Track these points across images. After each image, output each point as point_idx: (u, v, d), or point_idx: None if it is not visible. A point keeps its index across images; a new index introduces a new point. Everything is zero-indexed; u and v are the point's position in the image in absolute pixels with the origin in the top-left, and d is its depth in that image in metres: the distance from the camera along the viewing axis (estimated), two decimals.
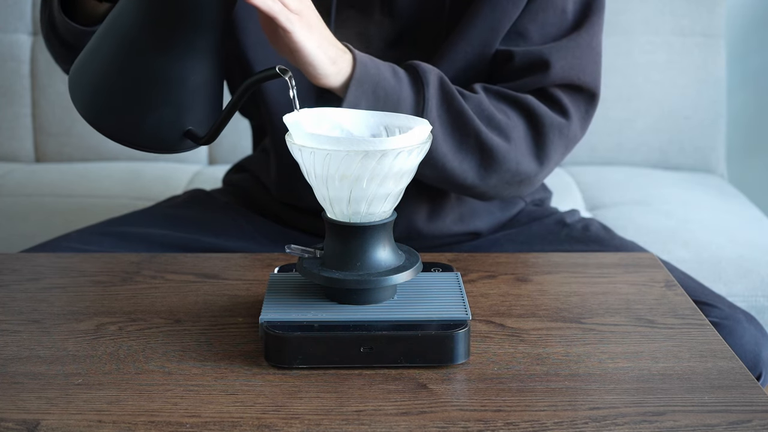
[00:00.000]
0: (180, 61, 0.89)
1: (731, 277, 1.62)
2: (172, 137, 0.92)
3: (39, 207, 1.84)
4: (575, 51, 1.15)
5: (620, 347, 0.88)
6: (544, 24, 1.15)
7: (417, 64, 1.08)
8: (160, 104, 0.90)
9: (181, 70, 0.89)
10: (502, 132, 1.12)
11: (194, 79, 0.90)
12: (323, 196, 0.86)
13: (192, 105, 0.91)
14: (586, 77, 1.16)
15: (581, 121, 1.17)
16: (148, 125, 0.91)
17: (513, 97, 1.14)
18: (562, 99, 1.15)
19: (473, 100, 1.11)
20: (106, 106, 0.91)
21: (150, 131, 0.91)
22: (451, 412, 0.76)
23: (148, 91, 0.90)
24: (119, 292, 1.00)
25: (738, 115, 2.34)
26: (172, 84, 0.90)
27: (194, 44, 0.89)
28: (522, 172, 1.15)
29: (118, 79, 0.90)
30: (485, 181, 1.14)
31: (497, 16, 1.14)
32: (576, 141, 1.18)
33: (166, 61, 0.89)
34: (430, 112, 1.07)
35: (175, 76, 0.89)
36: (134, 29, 0.89)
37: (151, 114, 0.90)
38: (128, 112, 0.91)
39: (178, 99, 0.90)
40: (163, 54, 0.89)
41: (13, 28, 2.17)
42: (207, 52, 0.91)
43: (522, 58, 1.15)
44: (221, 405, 0.77)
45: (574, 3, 1.17)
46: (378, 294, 0.88)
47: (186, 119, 0.91)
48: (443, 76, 1.09)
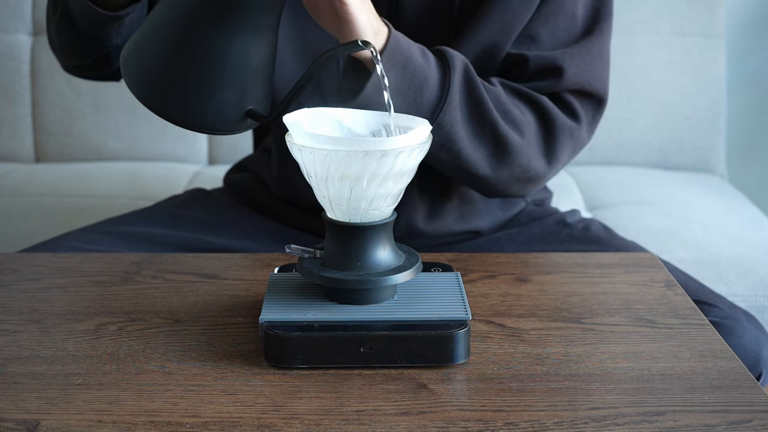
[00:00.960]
0: (243, 41, 0.89)
1: (731, 277, 1.62)
2: (235, 117, 0.92)
3: (39, 207, 1.84)
4: (586, 57, 1.16)
5: (620, 347, 0.88)
6: (555, 28, 1.16)
7: (445, 49, 1.09)
8: (224, 84, 0.89)
9: (245, 50, 0.89)
10: (516, 126, 1.13)
11: (256, 57, 0.90)
12: (323, 196, 0.86)
13: (254, 84, 0.91)
14: (596, 83, 1.17)
15: (589, 126, 1.19)
16: (212, 106, 0.90)
17: (528, 95, 1.15)
18: (573, 103, 1.17)
19: (492, 92, 1.12)
20: (167, 89, 0.90)
21: (213, 113, 0.91)
22: (451, 412, 0.76)
23: (212, 72, 0.89)
24: (119, 292, 1.00)
25: (738, 115, 2.34)
26: (235, 64, 0.89)
27: (257, 23, 0.89)
28: (532, 169, 1.15)
29: (180, 61, 0.89)
30: (497, 173, 1.14)
31: (508, 18, 1.14)
32: (583, 145, 1.20)
33: (228, 41, 0.88)
34: (453, 96, 1.07)
35: (238, 56, 0.89)
36: (195, 8, 0.88)
37: (215, 95, 0.90)
38: (191, 94, 0.90)
39: (241, 79, 0.90)
40: (225, 33, 0.88)
41: (13, 28, 2.17)
42: (268, 29, 0.90)
43: (536, 62, 1.15)
44: (221, 405, 0.77)
45: (584, 8, 1.17)
46: (378, 294, 0.88)
47: (248, 99, 0.91)
48: (468, 63, 1.10)
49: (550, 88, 1.16)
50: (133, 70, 0.92)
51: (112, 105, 2.14)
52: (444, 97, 1.07)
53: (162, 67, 0.90)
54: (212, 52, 0.89)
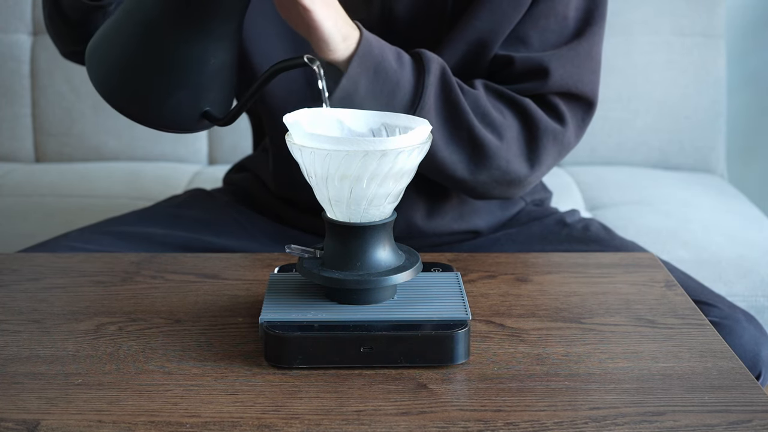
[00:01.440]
0: (202, 44, 0.90)
1: (731, 277, 1.62)
2: (191, 118, 0.94)
3: (39, 207, 1.84)
4: (575, 60, 1.15)
5: (620, 347, 0.88)
6: (545, 30, 1.16)
7: (422, 52, 1.09)
8: (180, 85, 0.91)
9: (203, 53, 0.91)
10: (495, 130, 1.12)
11: (214, 61, 0.92)
12: (323, 196, 0.86)
13: (210, 87, 0.93)
14: (584, 86, 1.16)
15: (576, 129, 1.18)
16: (168, 106, 0.92)
17: (511, 98, 1.14)
18: (559, 106, 1.16)
19: (471, 95, 1.11)
20: (126, 86, 0.92)
21: (169, 112, 0.93)
22: (451, 412, 0.76)
23: (169, 72, 0.91)
24: (119, 292, 1.00)
25: (738, 115, 2.34)
26: (193, 66, 0.91)
27: (216, 28, 0.91)
28: (512, 172, 1.15)
29: (139, 60, 0.91)
30: (475, 176, 1.14)
31: (497, 19, 1.14)
32: (570, 148, 1.19)
33: (187, 43, 0.90)
34: (426, 100, 1.07)
35: (195, 60, 0.91)
36: (156, 10, 0.90)
37: (171, 95, 0.92)
38: (148, 93, 0.92)
39: (197, 81, 0.92)
40: (184, 36, 0.90)
41: (13, 28, 2.17)
42: (227, 36, 0.92)
43: (522, 63, 1.15)
44: (221, 405, 0.77)
45: (576, 10, 1.17)
46: (378, 294, 0.88)
47: (204, 101, 0.93)
48: (446, 66, 1.10)
49: (535, 90, 1.15)
50: (96, 66, 0.94)
51: None
52: (417, 101, 1.06)
53: (122, 64, 0.92)
54: (170, 53, 0.91)
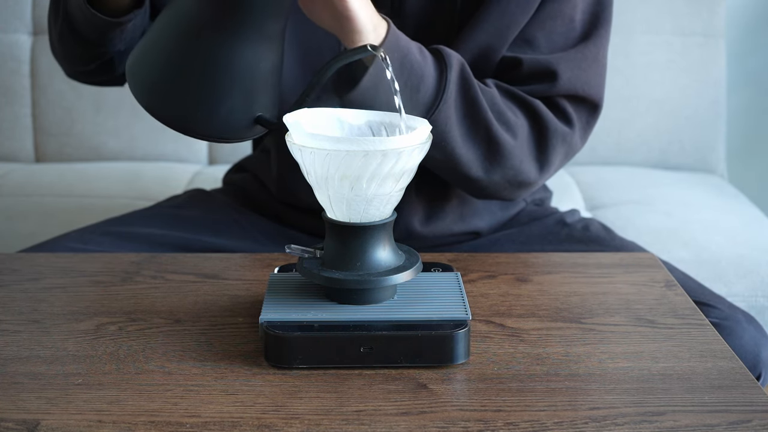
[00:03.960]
0: (249, 48, 0.88)
1: (731, 277, 1.62)
2: (244, 125, 0.91)
3: (39, 207, 1.84)
4: (582, 63, 1.16)
5: (620, 347, 0.88)
6: (552, 32, 1.16)
7: (441, 48, 1.09)
8: (231, 92, 0.88)
9: (253, 57, 0.88)
10: (510, 128, 1.13)
11: (264, 65, 0.89)
12: (323, 196, 0.86)
13: (261, 91, 0.90)
14: (591, 89, 1.17)
15: (582, 131, 1.18)
16: (220, 115, 0.89)
17: (521, 98, 1.14)
18: (566, 108, 1.16)
19: (487, 93, 1.12)
20: (174, 98, 0.89)
21: (222, 120, 0.90)
22: (451, 412, 0.76)
23: (219, 80, 0.88)
24: (119, 292, 1.00)
25: (738, 115, 2.34)
26: (244, 71, 0.88)
27: (262, 30, 0.88)
28: (523, 172, 1.15)
29: (186, 69, 0.88)
30: (489, 175, 1.14)
31: (506, 22, 1.14)
32: (576, 151, 1.19)
33: (234, 48, 0.87)
34: (449, 95, 1.07)
35: (246, 64, 0.88)
36: (200, 16, 0.87)
37: (222, 102, 0.89)
38: (199, 103, 0.89)
39: (249, 86, 0.89)
40: (231, 41, 0.87)
41: (13, 28, 2.17)
42: (274, 37, 0.90)
43: (530, 65, 1.15)
44: (221, 405, 0.77)
45: (582, 13, 1.17)
46: (378, 294, 0.88)
47: (256, 106, 0.90)
48: (465, 63, 1.10)
49: (543, 92, 1.16)
50: (139, 79, 0.91)
51: (112, 105, 2.14)
52: (440, 96, 1.07)
53: (168, 75, 0.89)
54: (218, 59, 0.88)
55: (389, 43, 1.02)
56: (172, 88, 0.89)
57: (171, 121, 0.90)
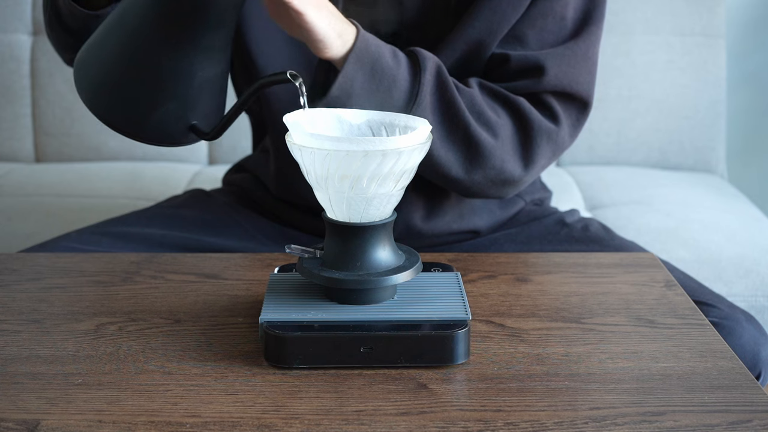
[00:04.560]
0: (188, 56, 0.89)
1: (731, 277, 1.62)
2: (177, 131, 0.92)
3: (39, 207, 1.84)
4: (570, 59, 1.15)
5: (620, 347, 0.88)
6: (542, 30, 1.16)
7: (417, 50, 1.09)
8: (167, 98, 0.90)
9: (189, 66, 0.90)
10: (490, 128, 1.12)
11: (201, 74, 0.91)
12: (323, 196, 0.86)
13: (197, 100, 0.92)
14: (579, 86, 1.16)
15: (571, 129, 1.18)
16: (154, 119, 0.91)
17: (505, 97, 1.14)
18: (553, 105, 1.16)
19: (466, 94, 1.12)
20: (112, 99, 0.91)
21: (155, 125, 0.91)
22: (451, 412, 0.76)
23: (155, 85, 0.90)
24: (119, 292, 1.00)
25: (738, 115, 2.34)
26: (180, 78, 0.90)
27: (203, 40, 0.89)
28: (507, 171, 1.15)
29: (125, 72, 0.90)
30: (470, 175, 1.14)
31: (497, 19, 1.14)
32: (564, 148, 1.19)
33: (174, 56, 0.89)
34: (423, 98, 1.07)
35: (182, 71, 0.90)
36: (143, 22, 0.89)
37: (156, 108, 0.90)
38: (134, 106, 0.91)
39: (184, 94, 0.91)
40: (171, 48, 0.89)
41: (13, 28, 2.17)
42: (215, 48, 0.91)
43: (517, 61, 1.15)
44: (221, 405, 0.77)
45: (574, 11, 1.17)
46: (378, 294, 0.88)
47: (191, 114, 0.92)
48: (441, 65, 1.10)
49: (529, 88, 1.15)
50: (83, 77, 0.93)
51: None
52: (413, 99, 1.07)
53: (107, 76, 0.91)
54: (155, 65, 0.90)
55: (358, 49, 1.02)
56: (110, 90, 0.91)
57: (108, 121, 0.92)
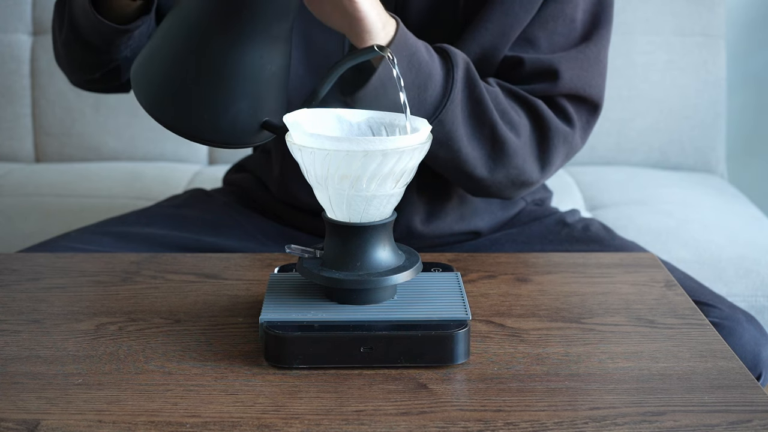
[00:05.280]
0: (255, 51, 0.87)
1: (731, 277, 1.62)
2: (251, 130, 0.89)
3: (39, 207, 1.84)
4: (583, 63, 1.16)
5: (620, 347, 0.88)
6: (553, 33, 1.16)
7: (447, 47, 1.09)
8: (238, 96, 0.87)
9: (258, 60, 0.87)
10: (513, 128, 1.13)
11: (270, 68, 0.88)
12: (323, 196, 0.86)
13: (268, 95, 0.89)
14: (592, 89, 1.17)
15: (582, 131, 1.19)
16: (227, 120, 0.88)
17: (523, 98, 1.15)
18: (567, 108, 1.16)
19: (491, 92, 1.12)
20: (179, 104, 0.88)
21: (228, 126, 0.88)
22: (451, 412, 0.76)
23: (225, 84, 0.87)
24: (119, 292, 1.00)
25: (738, 115, 2.34)
26: (249, 75, 0.87)
27: (270, 32, 0.87)
28: (526, 172, 1.15)
29: (191, 73, 0.87)
30: (493, 174, 1.14)
31: (509, 21, 1.14)
32: (576, 150, 1.20)
33: (241, 52, 0.86)
34: (456, 94, 1.07)
35: (251, 67, 0.87)
36: (206, 18, 0.86)
37: (229, 108, 0.87)
38: (204, 108, 0.88)
39: (255, 90, 0.88)
40: (236, 44, 0.86)
41: (13, 28, 2.17)
42: (280, 39, 0.88)
43: (531, 64, 1.15)
44: (221, 405, 0.77)
45: (584, 13, 1.17)
46: (378, 294, 0.88)
47: (263, 111, 0.89)
48: (470, 62, 1.10)
49: (544, 92, 1.16)
50: (144, 85, 0.90)
51: (112, 105, 2.14)
52: (447, 95, 1.07)
53: (173, 81, 0.88)
54: (224, 63, 0.87)
55: (398, 41, 1.01)
56: (177, 94, 0.88)
57: (176, 127, 0.89)
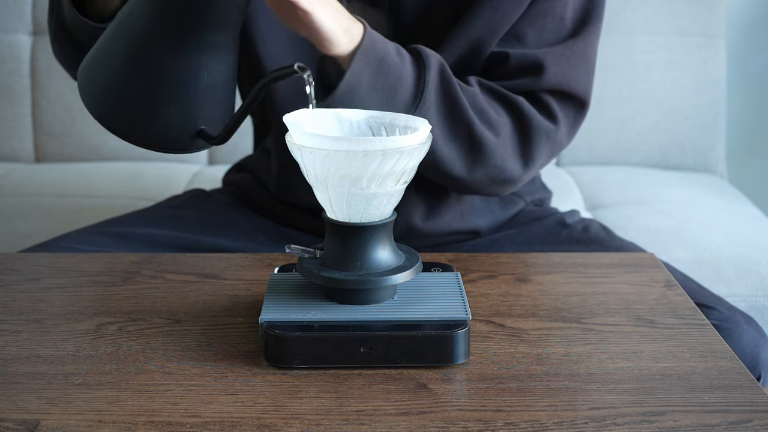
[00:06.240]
0: (192, 59, 0.87)
1: (731, 277, 1.62)
2: (184, 137, 0.90)
3: (39, 207, 1.84)
4: (570, 58, 1.16)
5: (620, 347, 0.88)
6: (541, 29, 1.16)
7: (420, 48, 1.09)
8: (171, 103, 0.88)
9: (194, 68, 0.88)
10: (492, 127, 1.13)
11: (207, 77, 0.88)
12: (323, 196, 0.86)
13: (204, 104, 0.89)
14: (577, 86, 1.17)
15: (568, 128, 1.18)
16: (159, 125, 0.89)
17: (504, 96, 1.14)
18: (551, 104, 1.16)
19: (468, 92, 1.12)
20: (116, 105, 0.89)
21: (161, 131, 0.89)
22: (451, 412, 0.76)
23: (159, 90, 0.88)
24: (119, 292, 1.00)
25: (738, 115, 2.34)
26: (184, 82, 0.88)
27: (207, 41, 0.87)
28: (507, 170, 1.15)
29: (128, 78, 0.89)
30: (471, 173, 1.14)
31: (498, 18, 1.14)
32: (562, 147, 1.19)
33: (177, 59, 0.87)
34: (428, 96, 1.07)
35: (186, 75, 0.88)
36: (144, 25, 0.87)
37: (161, 113, 0.88)
38: (138, 112, 0.89)
39: (189, 98, 0.88)
40: (174, 51, 0.87)
41: (13, 28, 2.17)
42: (220, 49, 0.89)
43: (516, 60, 1.15)
44: (221, 405, 0.77)
45: (573, 11, 1.17)
46: (378, 294, 0.88)
47: (198, 119, 0.89)
48: (444, 63, 1.10)
49: (528, 87, 1.15)
50: (86, 86, 0.91)
51: None
52: (418, 97, 1.07)
53: (111, 82, 0.89)
54: (157, 69, 0.88)
55: (364, 46, 1.02)
56: (113, 96, 0.89)
57: (112, 128, 0.90)
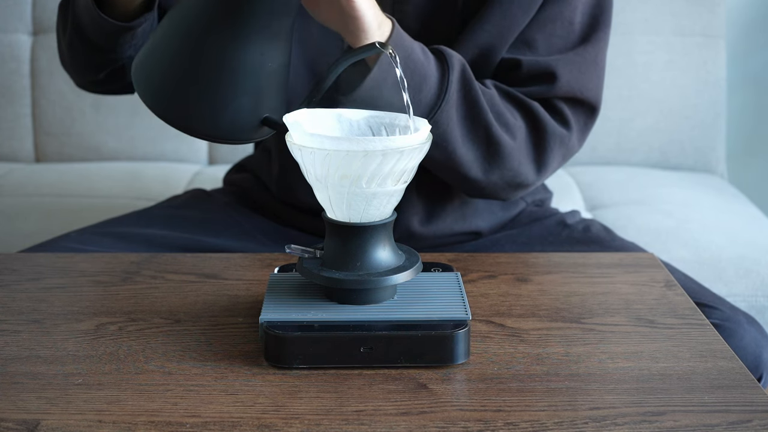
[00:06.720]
0: (256, 47, 0.87)
1: (731, 277, 1.62)
2: (250, 126, 0.90)
3: (39, 207, 1.84)
4: (581, 65, 1.16)
5: (620, 347, 0.88)
6: (551, 35, 1.16)
7: (443, 48, 1.09)
8: (239, 92, 0.88)
9: (259, 56, 0.88)
10: (509, 130, 1.13)
11: (269, 64, 0.89)
12: (323, 196, 0.86)
13: (268, 91, 0.89)
14: (589, 92, 1.17)
15: (580, 134, 1.19)
16: (226, 115, 0.88)
17: (520, 100, 1.15)
18: (564, 110, 1.16)
19: (487, 94, 1.12)
20: (179, 99, 0.89)
21: (228, 121, 0.89)
22: (451, 412, 0.76)
23: (224, 80, 0.87)
24: (119, 292, 1.00)
25: (738, 115, 2.34)
26: (251, 71, 0.88)
27: (269, 28, 0.87)
28: (522, 174, 1.15)
29: (191, 69, 0.88)
30: (488, 175, 1.14)
31: (507, 23, 1.14)
32: (573, 153, 1.20)
33: (240, 47, 0.87)
34: (450, 95, 1.07)
35: (251, 62, 0.87)
36: (207, 15, 0.87)
37: (229, 103, 0.88)
38: (204, 103, 0.88)
39: (256, 86, 0.88)
40: (237, 40, 0.87)
41: (13, 28, 2.17)
42: (281, 36, 0.89)
43: (529, 67, 1.15)
44: (221, 405, 0.77)
45: (582, 15, 1.17)
46: (378, 294, 0.88)
47: (263, 107, 0.90)
48: (465, 64, 1.10)
49: (542, 94, 1.16)
50: (145, 81, 0.90)
51: (112, 105, 2.14)
52: (442, 96, 1.07)
53: (173, 76, 0.89)
54: (224, 59, 0.87)
55: (393, 41, 1.02)
56: (178, 89, 0.89)
57: (178, 123, 0.90)
